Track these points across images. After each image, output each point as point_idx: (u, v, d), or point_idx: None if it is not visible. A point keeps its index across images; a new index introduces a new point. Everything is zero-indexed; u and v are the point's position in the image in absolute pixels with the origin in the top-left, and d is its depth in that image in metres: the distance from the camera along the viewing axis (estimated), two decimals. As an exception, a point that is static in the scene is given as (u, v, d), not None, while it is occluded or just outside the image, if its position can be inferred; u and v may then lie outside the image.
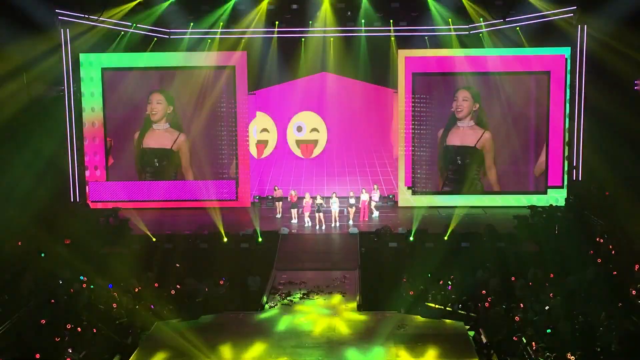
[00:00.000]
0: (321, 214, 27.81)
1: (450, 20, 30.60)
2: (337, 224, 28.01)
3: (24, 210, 25.67)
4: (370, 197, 29.22)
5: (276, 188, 29.85)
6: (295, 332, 19.44)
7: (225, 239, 25.63)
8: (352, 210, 28.31)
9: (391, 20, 31.13)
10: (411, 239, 25.46)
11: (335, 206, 28.06)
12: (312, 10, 30.78)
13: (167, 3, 30.08)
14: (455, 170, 31.01)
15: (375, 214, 29.33)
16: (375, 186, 30.05)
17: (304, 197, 28.32)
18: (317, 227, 27.77)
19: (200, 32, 31.36)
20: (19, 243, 24.29)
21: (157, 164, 31.46)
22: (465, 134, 30.87)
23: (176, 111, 31.31)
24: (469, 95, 30.76)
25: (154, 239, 25.55)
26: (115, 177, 31.36)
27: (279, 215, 29.25)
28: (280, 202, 29.37)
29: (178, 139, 31.32)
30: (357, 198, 28.73)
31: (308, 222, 28.10)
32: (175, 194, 31.17)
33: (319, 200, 27.99)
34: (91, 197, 30.91)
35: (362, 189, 29.41)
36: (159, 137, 31.42)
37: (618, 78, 28.32)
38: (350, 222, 28.09)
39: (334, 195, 28.35)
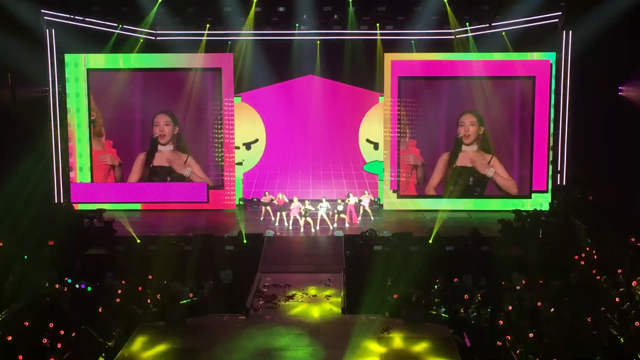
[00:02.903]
0: (309, 218, 27.77)
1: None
2: (330, 226, 27.95)
3: (7, 211, 25.47)
4: (361, 202, 29.18)
5: (266, 193, 29.57)
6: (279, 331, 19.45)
7: (210, 241, 25.57)
8: (337, 216, 28.25)
9: (377, 24, 31.17)
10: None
11: (322, 210, 28.04)
12: (299, 13, 30.78)
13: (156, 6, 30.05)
14: (461, 185, 31.31)
15: (371, 217, 29.25)
16: (366, 192, 30.00)
17: (292, 201, 28.23)
18: (302, 230, 27.70)
19: (187, 34, 31.29)
20: (1, 244, 24.13)
21: (170, 179, 31.64)
22: (474, 159, 31.14)
23: (181, 132, 31.37)
24: (475, 120, 30.93)
25: (139, 241, 25.45)
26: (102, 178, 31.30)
27: (262, 219, 29.12)
28: (267, 207, 29.21)
29: (187, 162, 31.53)
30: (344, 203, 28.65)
31: (290, 225, 28.03)
32: (161, 195, 31.11)
33: (308, 206, 27.92)
34: (73, 198, 30.83)
35: (348, 193, 29.40)
36: (168, 157, 31.62)
37: (603, 83, 28.51)
38: (335, 224, 28.06)
39: (324, 199, 28.33)
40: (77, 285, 21.50)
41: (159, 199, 31.20)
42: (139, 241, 25.45)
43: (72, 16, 29.59)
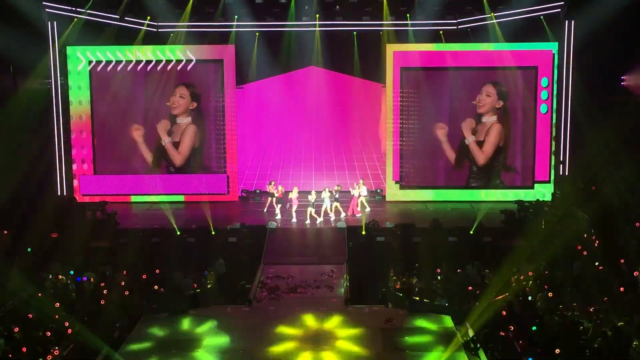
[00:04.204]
0: (312, 210, 27.79)
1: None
2: (331, 217, 27.90)
3: (10, 203, 25.51)
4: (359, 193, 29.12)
5: (272, 183, 29.37)
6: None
7: (213, 232, 25.59)
8: (334, 206, 28.18)
9: (380, 15, 31.15)
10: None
11: (327, 201, 28.00)
12: (301, 4, 30.75)
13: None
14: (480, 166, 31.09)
15: (367, 209, 29.07)
16: (362, 180, 29.59)
17: (290, 192, 28.18)
18: (307, 222, 27.66)
19: (189, 25, 31.25)
20: (5, 232, 24.16)
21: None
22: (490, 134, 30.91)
23: (201, 108, 31.11)
24: (493, 91, 30.70)
25: (141, 233, 25.48)
26: (104, 170, 31.26)
27: (265, 210, 29.06)
28: (272, 199, 29.12)
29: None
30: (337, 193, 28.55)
31: (293, 217, 28.04)
32: (165, 188, 31.06)
33: (312, 197, 27.89)
34: (82, 190, 30.83)
35: (355, 184, 29.26)
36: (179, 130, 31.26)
37: (605, 73, 28.44)
38: (343, 215, 28.05)
39: (326, 189, 28.30)
40: (78, 278, 21.56)
41: (177, 191, 31.07)
42: (141, 233, 25.40)
43: (73, 8, 29.55)
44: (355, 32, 31.53)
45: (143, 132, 31.15)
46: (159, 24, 31.45)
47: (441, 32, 31.28)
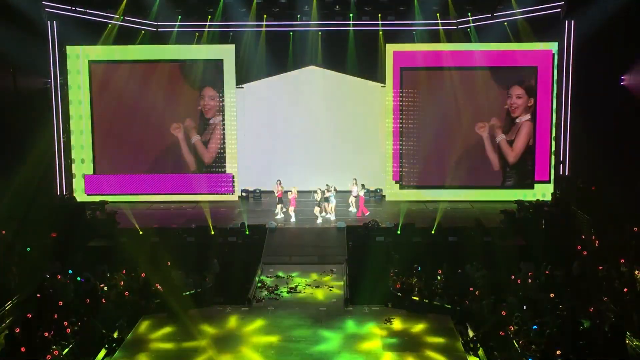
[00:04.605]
0: (319, 208, 27.75)
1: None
2: (333, 217, 27.89)
3: (10, 203, 25.50)
4: (351, 192, 28.99)
5: (280, 182, 29.23)
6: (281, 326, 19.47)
7: (212, 232, 25.57)
8: (329, 205, 28.19)
9: (379, 15, 31.13)
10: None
11: (332, 199, 27.96)
12: (301, 4, 30.73)
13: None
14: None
15: (353, 209, 29.09)
16: (354, 180, 29.28)
17: (289, 192, 28.14)
18: (319, 220, 27.61)
19: (189, 25, 31.23)
20: (3, 232, 24.17)
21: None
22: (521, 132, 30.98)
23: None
24: (522, 92, 30.76)
25: (141, 232, 25.46)
26: (104, 170, 31.24)
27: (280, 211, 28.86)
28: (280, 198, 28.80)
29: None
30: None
31: (292, 216, 28.01)
32: (166, 187, 31.08)
33: (319, 195, 27.79)
34: (86, 190, 30.89)
35: (361, 184, 29.08)
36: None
37: (605, 73, 28.44)
38: (350, 210, 27.97)
39: (332, 188, 28.19)
40: (78, 278, 21.54)
41: (182, 190, 31.16)
42: (141, 232, 25.43)
43: (73, 7, 29.54)
44: (354, 32, 31.50)
45: (182, 131, 31.36)
46: (159, 23, 31.42)
47: (441, 31, 31.24)
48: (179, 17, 31.08)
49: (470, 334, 18.39)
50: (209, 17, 31.03)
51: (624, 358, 16.37)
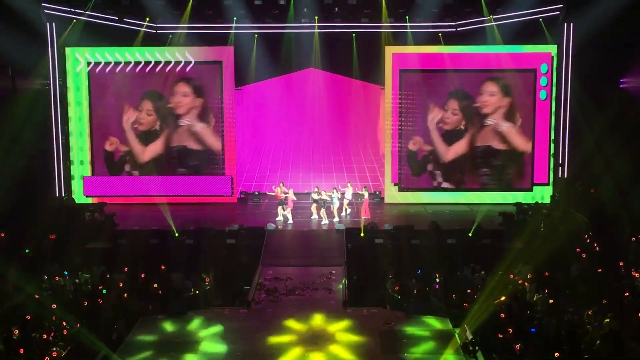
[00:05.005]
0: (329, 207, 27.74)
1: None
2: (336, 219, 27.81)
3: (8, 204, 25.47)
4: (343, 195, 28.78)
5: (282, 185, 29.21)
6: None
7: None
8: (332, 207, 28.13)
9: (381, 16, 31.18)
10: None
11: (336, 200, 27.92)
12: (300, 6, 30.75)
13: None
14: (491, 169, 31.03)
15: (348, 210, 29.02)
16: (349, 183, 29.41)
17: (287, 193, 28.07)
18: (324, 221, 27.58)
19: (187, 27, 31.24)
20: (2, 235, 24.15)
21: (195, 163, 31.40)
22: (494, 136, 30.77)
23: (207, 105, 31.03)
24: (496, 89, 30.61)
25: (139, 234, 25.43)
26: (102, 172, 31.22)
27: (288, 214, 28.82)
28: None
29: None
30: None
31: (289, 218, 27.96)
32: (166, 189, 31.00)
33: (323, 196, 27.75)
34: (85, 192, 30.84)
35: (363, 187, 29.11)
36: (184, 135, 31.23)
37: (604, 76, 28.46)
38: (337, 218, 28.02)
39: (335, 190, 28.18)
40: (76, 279, 21.53)
41: (181, 192, 31.08)
42: (139, 234, 25.41)
43: (73, 9, 29.54)
44: (354, 34, 31.50)
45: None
46: (158, 25, 31.42)
47: (440, 34, 31.23)
48: (186, 18, 31.07)
49: (469, 336, 18.36)
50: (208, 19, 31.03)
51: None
